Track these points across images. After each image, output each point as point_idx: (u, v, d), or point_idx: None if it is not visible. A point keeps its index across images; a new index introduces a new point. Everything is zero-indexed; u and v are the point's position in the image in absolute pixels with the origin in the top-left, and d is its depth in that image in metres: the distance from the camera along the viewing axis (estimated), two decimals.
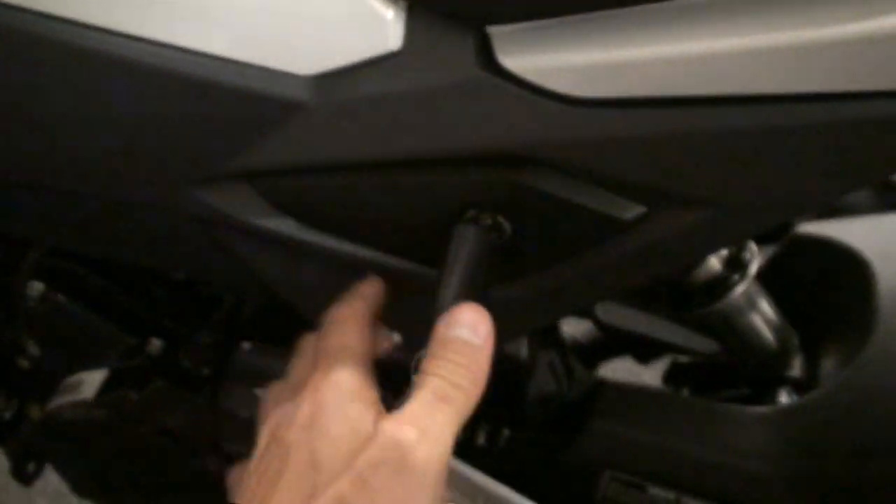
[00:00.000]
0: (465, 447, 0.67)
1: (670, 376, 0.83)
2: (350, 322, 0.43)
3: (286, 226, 0.48)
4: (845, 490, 0.61)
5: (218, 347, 0.67)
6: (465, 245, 0.42)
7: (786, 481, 0.62)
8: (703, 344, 0.74)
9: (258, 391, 0.65)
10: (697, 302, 0.67)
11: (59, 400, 0.68)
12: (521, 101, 0.40)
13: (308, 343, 0.44)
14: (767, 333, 0.70)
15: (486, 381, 0.39)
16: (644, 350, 0.83)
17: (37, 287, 0.67)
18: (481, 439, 0.68)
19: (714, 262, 0.66)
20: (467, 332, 0.39)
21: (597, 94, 0.39)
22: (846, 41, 0.36)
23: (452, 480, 0.62)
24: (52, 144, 0.47)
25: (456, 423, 0.37)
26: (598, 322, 0.77)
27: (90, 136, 0.46)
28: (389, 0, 0.40)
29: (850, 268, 0.71)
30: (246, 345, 0.67)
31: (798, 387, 0.71)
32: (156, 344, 0.68)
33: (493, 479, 0.62)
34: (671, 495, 0.63)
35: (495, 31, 0.39)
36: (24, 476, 0.80)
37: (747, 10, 0.37)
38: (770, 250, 0.78)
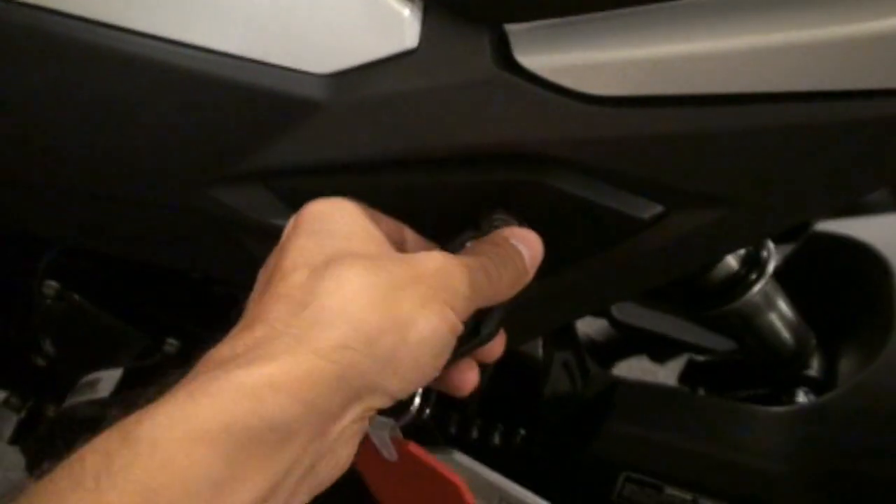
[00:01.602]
0: (480, 448, 0.67)
1: (686, 376, 0.82)
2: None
3: None
4: (863, 490, 0.61)
5: None
6: None
7: (803, 481, 0.61)
8: (720, 343, 0.74)
9: None
10: (714, 301, 0.67)
11: (75, 399, 0.68)
12: (538, 100, 0.40)
13: None
14: (785, 333, 0.70)
15: (507, 298, 0.39)
16: (660, 349, 0.83)
17: (52, 286, 0.67)
18: (497, 440, 0.68)
19: (731, 261, 0.66)
20: (526, 251, 0.40)
21: (615, 92, 0.39)
22: (867, 38, 0.36)
23: (468, 480, 0.62)
24: (67, 144, 0.47)
25: (481, 298, 0.37)
26: (613, 321, 0.77)
27: (106, 136, 0.46)
28: None
29: (868, 266, 0.70)
30: None
31: (816, 386, 0.70)
32: (172, 343, 0.68)
33: (509, 480, 0.62)
34: (688, 496, 0.63)
35: (512, 30, 0.39)
36: (39, 474, 0.80)
37: (768, 7, 0.36)
38: (788, 248, 0.77)
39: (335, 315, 0.33)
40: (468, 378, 0.42)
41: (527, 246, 0.40)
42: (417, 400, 0.42)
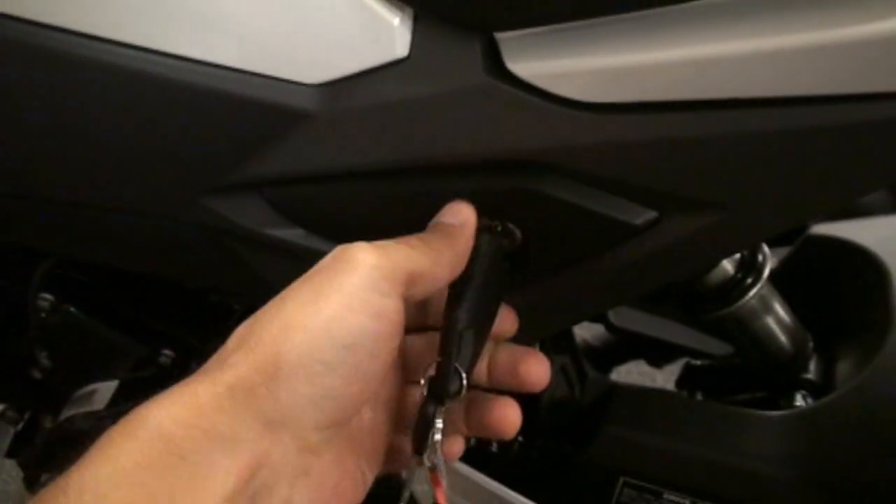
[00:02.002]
0: (478, 454, 0.67)
1: (684, 380, 0.82)
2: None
3: (295, 234, 0.47)
4: (861, 494, 0.61)
5: None
6: (476, 252, 0.42)
7: (802, 485, 0.61)
8: (717, 347, 0.74)
9: None
10: (711, 305, 0.67)
11: (71, 411, 0.68)
12: (529, 107, 0.40)
13: None
14: (782, 336, 0.69)
15: (459, 262, 0.40)
16: (657, 353, 0.83)
17: (47, 299, 0.67)
18: (494, 446, 0.68)
19: (727, 266, 0.66)
20: (449, 216, 0.41)
21: (606, 98, 0.39)
22: (857, 43, 0.36)
23: (466, 488, 0.62)
24: (61, 155, 0.47)
25: (408, 264, 0.36)
26: (610, 325, 0.77)
27: (99, 147, 0.46)
28: (396, 7, 0.40)
29: (865, 269, 0.70)
30: None
31: (814, 390, 0.70)
32: (167, 354, 0.68)
33: (507, 487, 0.62)
34: (686, 500, 0.63)
35: (503, 37, 0.39)
36: (36, 487, 0.80)
37: (757, 13, 0.36)
38: (784, 252, 0.77)
39: (232, 342, 0.35)
40: (507, 415, 0.42)
41: (448, 216, 0.41)
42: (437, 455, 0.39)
